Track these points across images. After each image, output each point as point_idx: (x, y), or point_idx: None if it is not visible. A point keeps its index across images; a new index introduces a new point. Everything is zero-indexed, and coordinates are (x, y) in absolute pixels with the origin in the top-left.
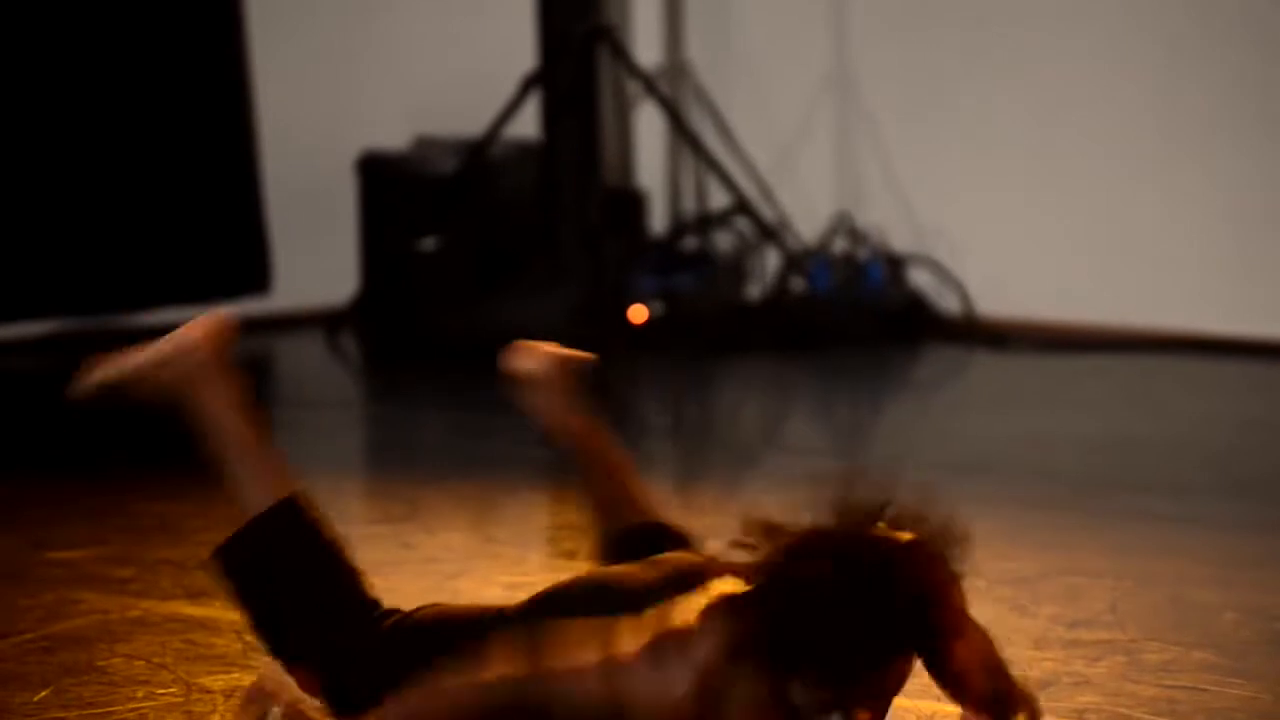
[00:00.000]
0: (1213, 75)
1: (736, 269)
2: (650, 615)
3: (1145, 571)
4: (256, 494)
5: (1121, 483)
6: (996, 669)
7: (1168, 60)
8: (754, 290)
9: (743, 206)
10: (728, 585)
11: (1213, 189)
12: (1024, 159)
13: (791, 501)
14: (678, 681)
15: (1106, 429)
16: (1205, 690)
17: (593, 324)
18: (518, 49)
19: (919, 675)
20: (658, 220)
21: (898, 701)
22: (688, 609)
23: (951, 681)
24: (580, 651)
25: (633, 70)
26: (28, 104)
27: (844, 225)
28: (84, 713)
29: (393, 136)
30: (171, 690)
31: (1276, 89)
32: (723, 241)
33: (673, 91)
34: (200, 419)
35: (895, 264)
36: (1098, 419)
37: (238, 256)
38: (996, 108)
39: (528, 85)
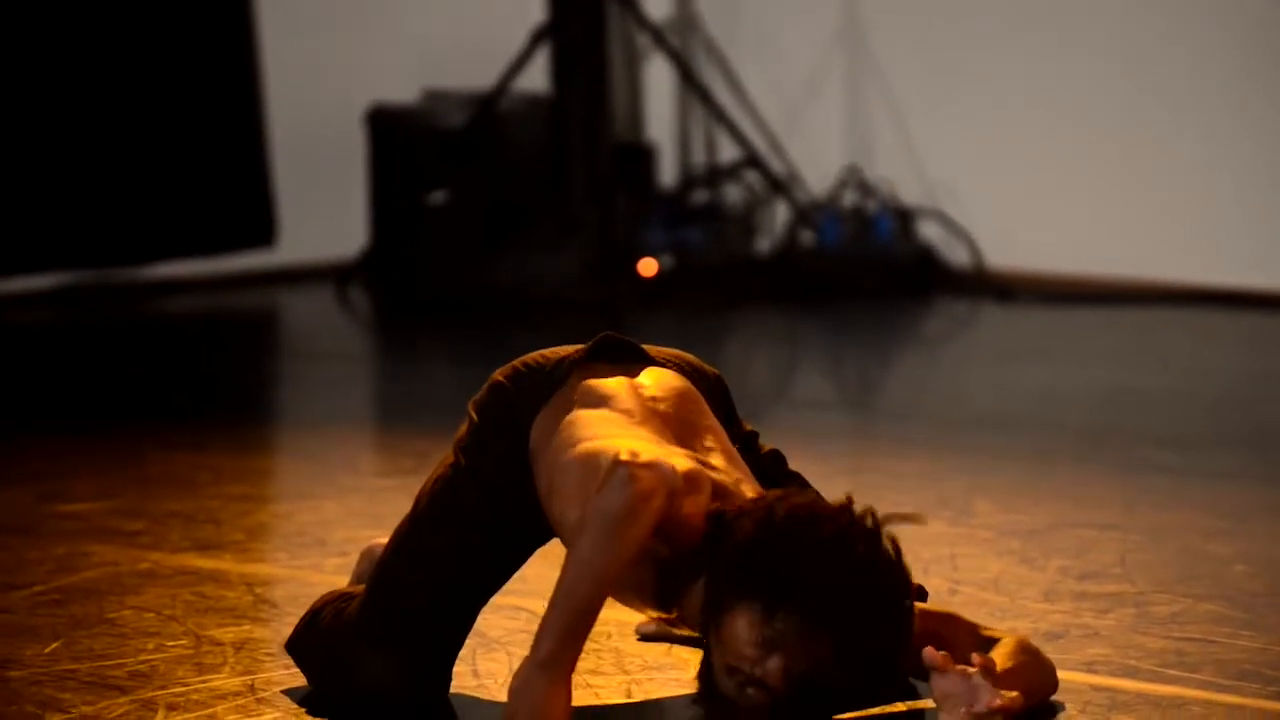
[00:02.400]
0: (1219, 29)
1: (746, 222)
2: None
3: (1154, 524)
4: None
5: (1130, 435)
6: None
7: (1176, 14)
8: (763, 243)
9: (752, 160)
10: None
11: (1220, 142)
12: (1033, 113)
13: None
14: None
15: (1115, 381)
16: (1215, 642)
17: (602, 278)
18: (527, 2)
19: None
20: (667, 174)
21: None
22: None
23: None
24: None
25: (642, 23)
26: (34, 59)
27: (853, 178)
28: (94, 665)
29: (401, 90)
30: (182, 642)
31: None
32: (732, 195)
33: (682, 44)
34: None
35: (904, 217)
36: (1106, 371)
37: (244, 210)
38: (1006, 61)
39: (537, 38)
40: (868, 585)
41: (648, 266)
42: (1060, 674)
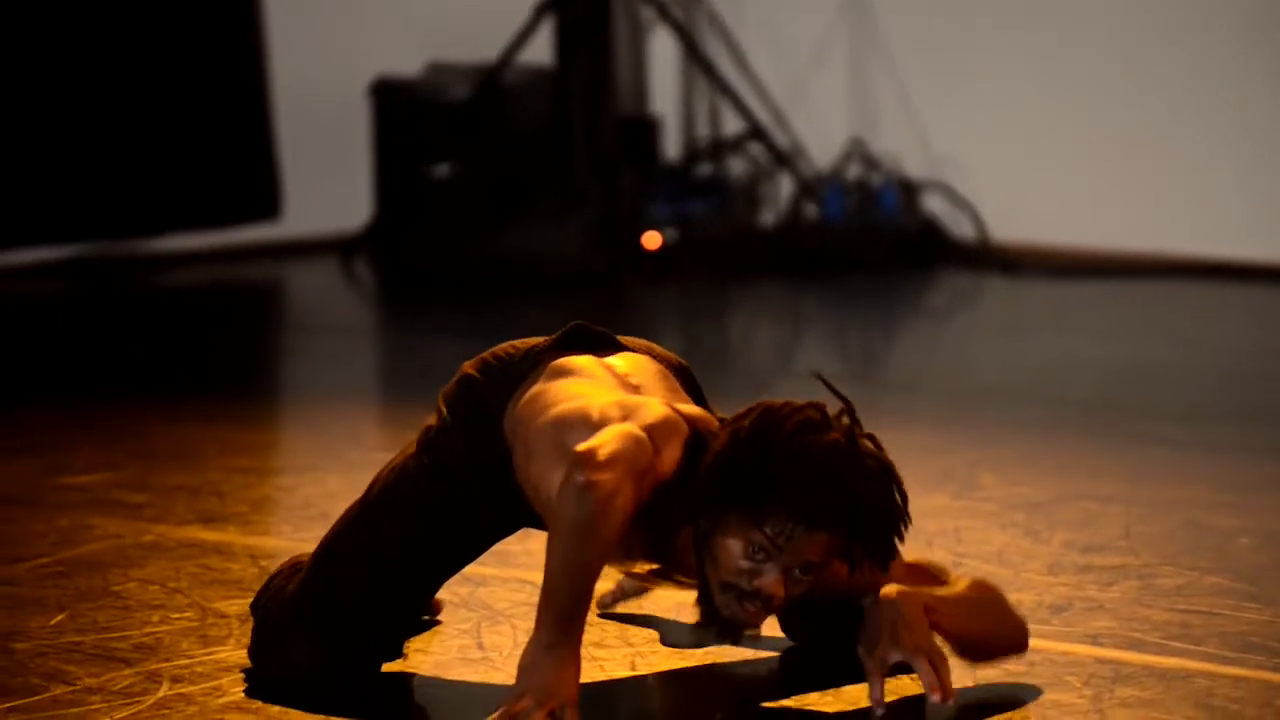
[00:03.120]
0: (1224, 5)
1: (750, 195)
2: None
3: (1159, 496)
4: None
5: (1135, 408)
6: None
7: None
8: (767, 216)
9: (756, 132)
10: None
11: (1227, 114)
12: (1038, 85)
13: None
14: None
15: (1120, 354)
16: (1219, 614)
17: (606, 250)
18: None
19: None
20: (671, 146)
21: None
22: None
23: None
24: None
25: None
26: (40, 33)
27: (857, 151)
28: (99, 637)
29: (406, 62)
30: (187, 614)
31: None
32: (736, 167)
33: (686, 16)
34: None
35: (909, 190)
36: (1111, 344)
37: (248, 183)
38: (1011, 34)
39: (541, 11)
40: (844, 470)
41: (651, 240)
42: (1064, 646)
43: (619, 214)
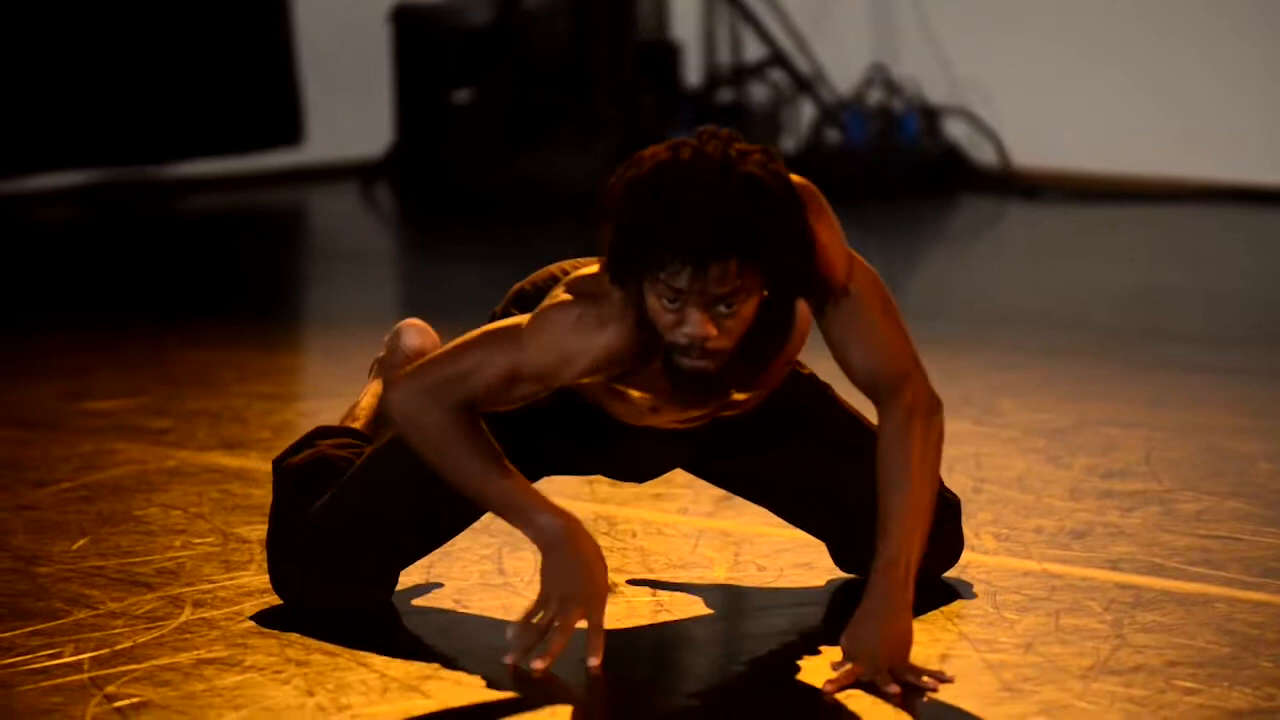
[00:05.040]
0: None
1: (771, 121)
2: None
3: (1180, 422)
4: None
5: (1156, 333)
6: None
7: None
8: (789, 142)
9: (778, 58)
10: None
11: (1250, 38)
12: (1059, 10)
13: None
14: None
15: (1141, 279)
16: (1240, 539)
17: None
18: None
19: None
20: (692, 72)
21: None
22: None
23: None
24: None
25: None
26: None
27: (879, 77)
28: (122, 561)
29: None
30: (209, 539)
31: None
32: (758, 93)
33: None
34: None
35: (930, 115)
36: (1132, 269)
37: (271, 109)
38: None
39: None
40: (693, 195)
41: None
42: (1085, 571)
43: (639, 140)
